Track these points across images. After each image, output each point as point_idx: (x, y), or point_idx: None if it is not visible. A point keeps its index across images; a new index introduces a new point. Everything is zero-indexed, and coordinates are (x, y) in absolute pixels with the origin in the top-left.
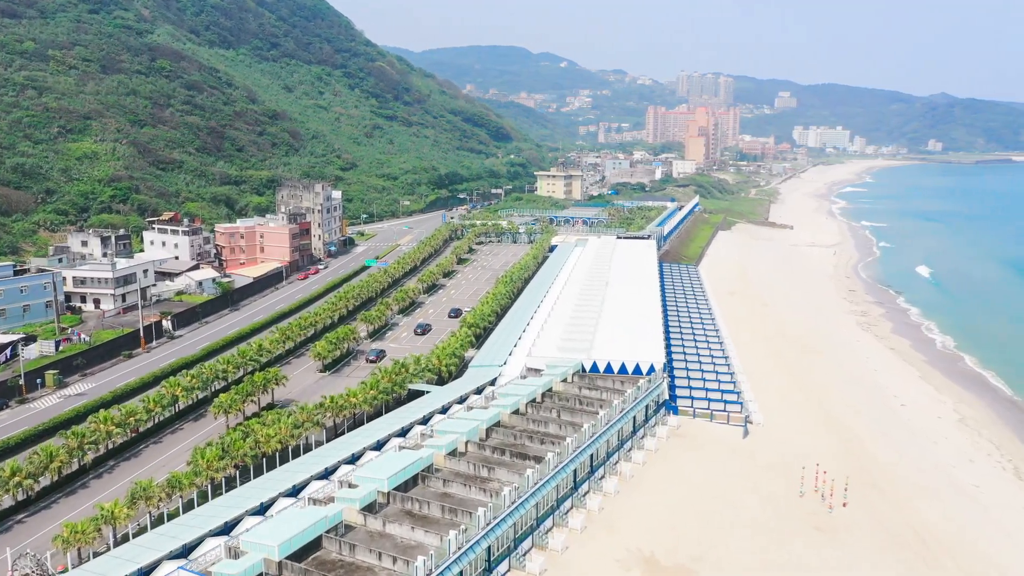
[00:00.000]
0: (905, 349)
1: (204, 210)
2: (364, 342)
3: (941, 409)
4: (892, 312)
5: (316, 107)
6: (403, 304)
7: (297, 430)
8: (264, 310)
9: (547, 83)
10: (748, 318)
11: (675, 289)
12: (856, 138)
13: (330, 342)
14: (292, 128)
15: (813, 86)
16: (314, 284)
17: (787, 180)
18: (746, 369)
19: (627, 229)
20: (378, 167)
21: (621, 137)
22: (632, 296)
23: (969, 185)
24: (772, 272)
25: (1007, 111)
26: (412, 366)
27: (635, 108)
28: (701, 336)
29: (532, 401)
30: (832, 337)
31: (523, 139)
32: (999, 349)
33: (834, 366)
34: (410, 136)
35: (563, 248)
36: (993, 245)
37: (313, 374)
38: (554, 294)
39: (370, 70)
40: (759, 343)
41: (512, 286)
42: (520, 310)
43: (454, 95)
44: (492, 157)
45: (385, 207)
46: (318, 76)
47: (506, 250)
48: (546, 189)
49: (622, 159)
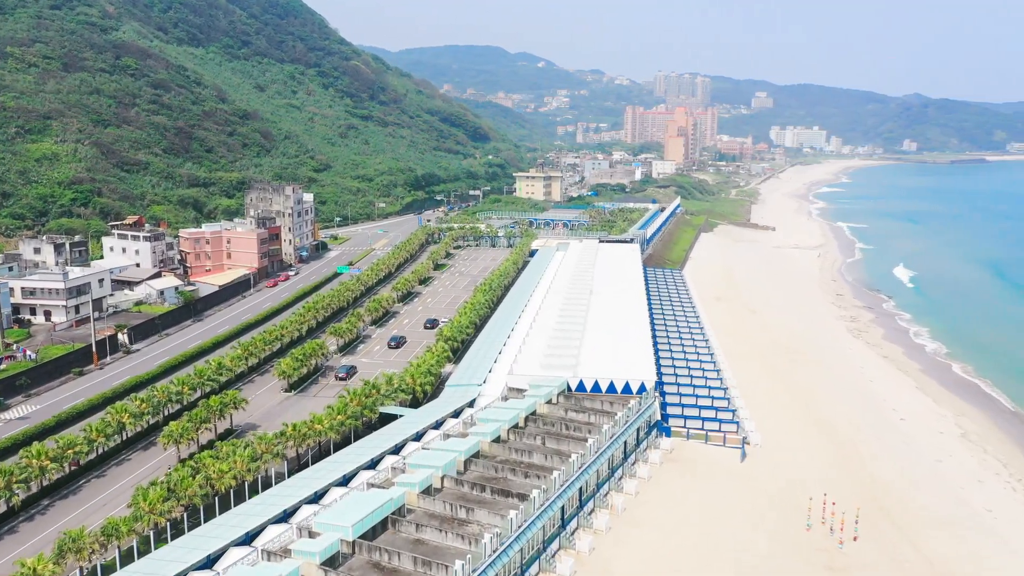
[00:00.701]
0: (898, 357)
1: (171, 213)
2: (334, 357)
3: (942, 423)
4: (882, 317)
5: (289, 107)
6: (376, 315)
7: (255, 463)
8: (229, 321)
9: (525, 83)
10: (737, 326)
11: (661, 296)
12: (832, 138)
13: (296, 359)
14: (264, 128)
15: (789, 86)
16: (284, 292)
17: (766, 180)
18: (739, 382)
19: (609, 232)
20: (353, 168)
21: (599, 137)
22: (618, 305)
23: (945, 185)
24: (758, 276)
25: (979, 111)
26: (384, 387)
27: (613, 108)
28: (691, 347)
29: (515, 427)
30: (824, 345)
31: (501, 139)
32: (991, 356)
33: (829, 377)
34: (386, 136)
35: (544, 253)
36: (973, 246)
37: (277, 394)
38: (536, 303)
39: (345, 69)
40: (750, 353)
41: (491, 295)
42: (500, 321)
43: (431, 95)
44: (470, 158)
45: (360, 209)
46: (291, 75)
47: (485, 255)
48: (525, 190)
49: (601, 160)
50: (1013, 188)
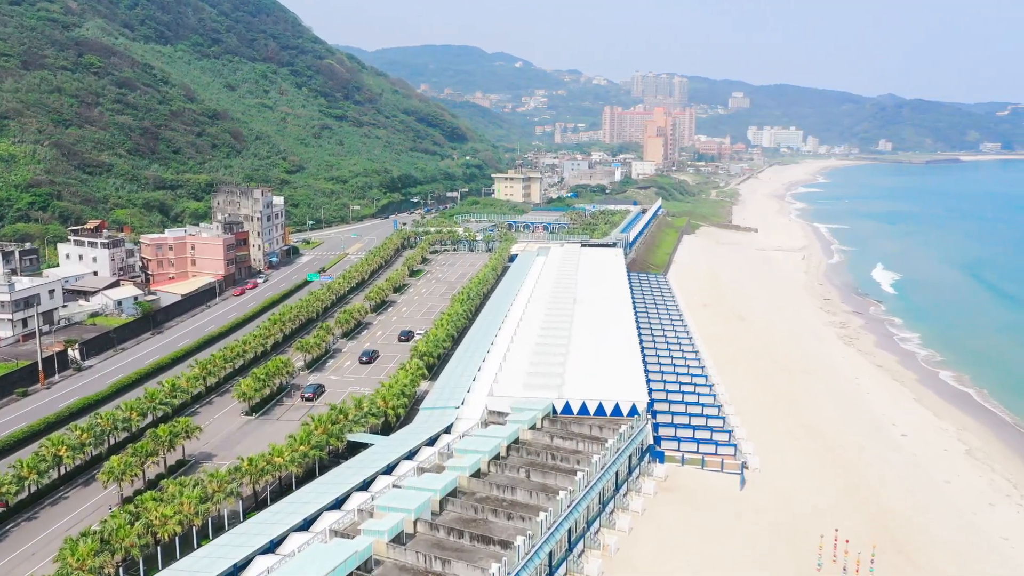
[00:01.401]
0: (893, 366)
1: (135, 217)
2: (300, 374)
3: (945, 439)
4: (871, 323)
5: (260, 106)
6: (347, 327)
7: (204, 505)
8: (192, 333)
9: (502, 83)
10: (726, 335)
11: (646, 303)
12: (809, 138)
13: (257, 379)
14: (234, 129)
15: (766, 87)
16: (251, 301)
17: (745, 181)
18: (732, 398)
19: (591, 236)
20: (327, 169)
21: (578, 137)
22: (604, 316)
23: (921, 185)
24: (744, 280)
25: (952, 112)
26: (352, 411)
27: (591, 108)
28: (680, 360)
29: (496, 457)
30: (817, 354)
31: (479, 140)
32: (983, 363)
33: (824, 390)
34: (361, 137)
35: (524, 258)
36: (951, 248)
37: (237, 417)
38: (516, 314)
39: (318, 68)
40: (741, 364)
41: (470, 304)
42: (479, 334)
43: (407, 94)
44: (447, 158)
45: (334, 212)
46: (263, 74)
47: (463, 259)
48: (504, 192)
49: (580, 160)
50: (987, 188)
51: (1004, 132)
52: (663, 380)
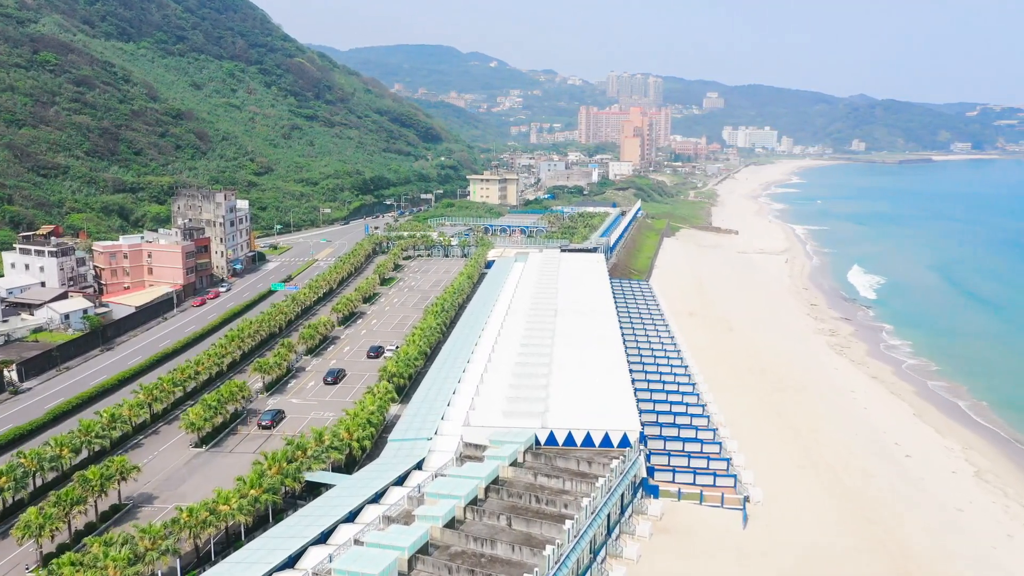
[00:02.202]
0: (888, 377)
1: (92, 222)
2: (259, 398)
3: (951, 459)
4: (861, 330)
5: (228, 106)
6: (312, 343)
7: (135, 568)
8: (145, 349)
9: (477, 83)
10: (715, 347)
11: (630, 313)
12: (783, 138)
13: (208, 407)
14: (199, 129)
15: (740, 87)
16: (211, 312)
17: (723, 181)
18: (727, 419)
19: (570, 240)
20: (296, 171)
21: (553, 138)
22: (588, 330)
23: (897, 185)
24: (729, 286)
25: (923, 112)
26: (312, 446)
27: (566, 108)
28: (670, 378)
29: (473, 501)
30: (810, 367)
31: (454, 140)
32: (978, 374)
33: (822, 407)
34: (332, 137)
35: (501, 265)
36: (931, 250)
37: (185, 450)
38: (494, 328)
39: (288, 66)
40: (733, 380)
41: (444, 316)
42: (454, 351)
43: (380, 94)
44: (421, 159)
45: (303, 215)
46: (230, 72)
47: (437, 265)
48: (480, 194)
49: (557, 160)
50: (959, 188)
51: (973, 132)
52: (652, 400)
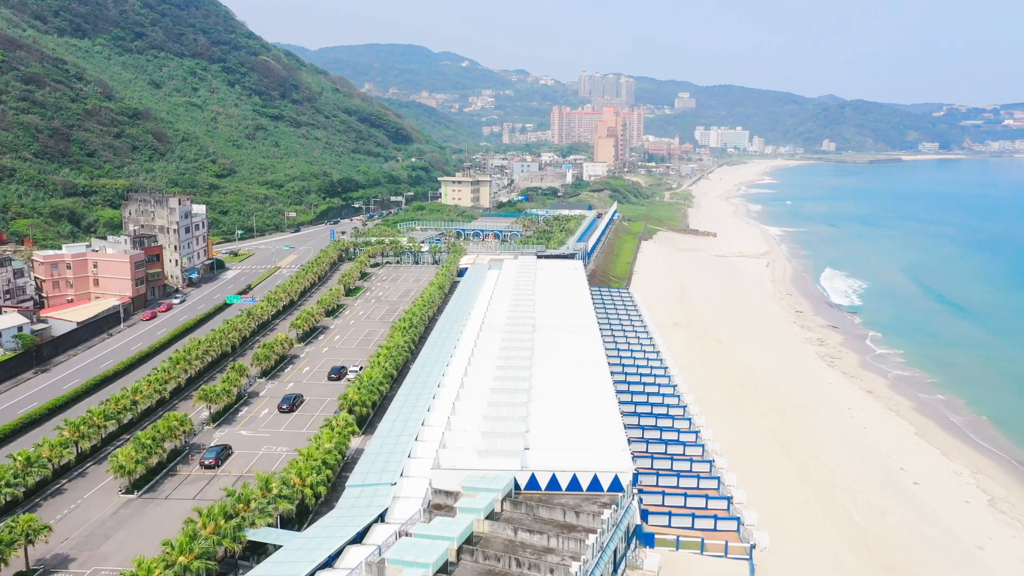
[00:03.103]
0: (883, 391)
1: (39, 229)
2: (203, 430)
3: (962, 485)
4: (850, 339)
5: (188, 105)
6: (267, 364)
7: None
8: (85, 371)
9: (449, 83)
10: (703, 361)
11: (612, 326)
12: (755, 138)
13: (141, 446)
14: (157, 129)
15: (711, 87)
16: (162, 327)
17: (697, 182)
18: (723, 446)
19: (547, 245)
20: (260, 173)
21: (526, 138)
22: (569, 350)
23: (868, 185)
24: (712, 292)
25: (891, 112)
26: (257, 496)
27: (539, 108)
28: (657, 399)
29: (443, 568)
30: (803, 382)
31: (425, 140)
32: (973, 385)
33: (820, 428)
34: (298, 138)
35: (475, 273)
36: (907, 253)
37: (114, 497)
38: (467, 346)
39: (253, 65)
40: (725, 399)
41: (413, 332)
42: (423, 374)
43: (349, 93)
44: (392, 160)
45: (267, 219)
46: (191, 71)
47: (407, 273)
48: (452, 196)
49: (530, 161)
50: (928, 188)
51: (941, 132)
52: (640, 427)
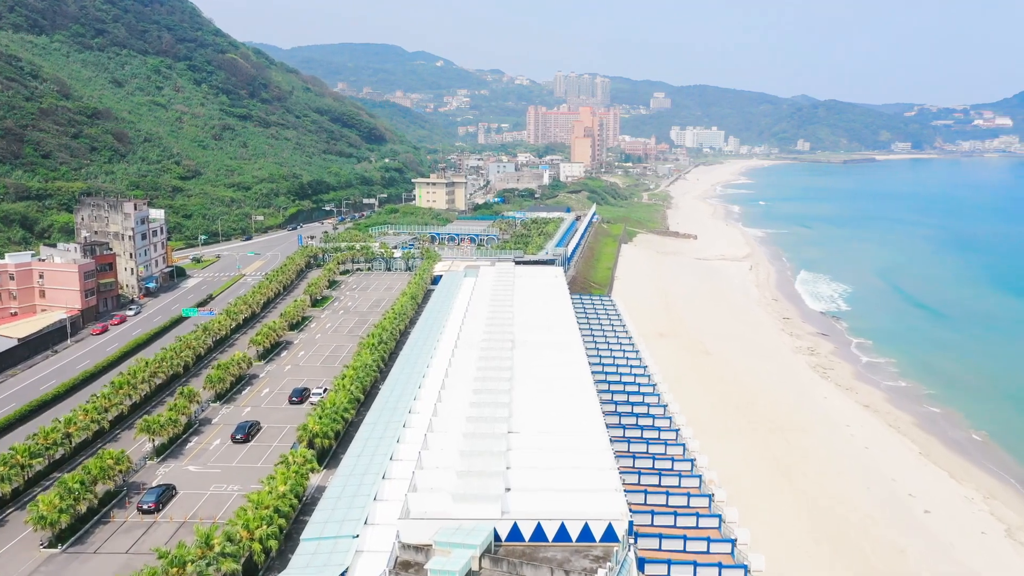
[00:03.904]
0: (881, 405)
1: None
2: (146, 466)
3: (975, 513)
4: (841, 348)
5: (152, 104)
6: (221, 386)
7: None
8: (22, 393)
9: (423, 82)
10: (693, 376)
11: (596, 339)
12: (730, 138)
13: (67, 491)
14: (118, 129)
15: (686, 87)
16: (113, 342)
17: (675, 182)
18: (721, 474)
19: (525, 251)
20: (227, 175)
21: (502, 138)
22: (552, 369)
23: (845, 185)
24: (697, 299)
25: (864, 112)
26: (195, 558)
27: (514, 108)
28: (647, 421)
29: None
30: (799, 398)
31: (399, 141)
32: (969, 397)
33: (821, 450)
34: (267, 139)
35: (450, 281)
36: (891, 254)
37: (34, 552)
38: (441, 366)
39: (220, 63)
40: (719, 418)
41: (382, 350)
42: (392, 399)
43: (321, 92)
44: (364, 161)
45: (234, 223)
46: (155, 68)
47: (378, 281)
48: (426, 198)
49: (507, 162)
50: (905, 188)
51: (913, 132)
52: (632, 455)
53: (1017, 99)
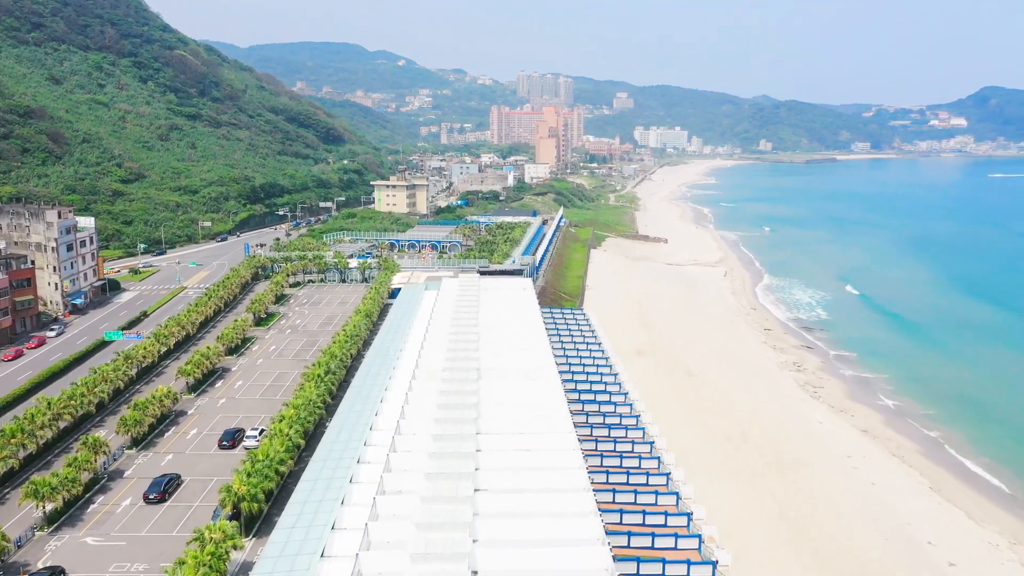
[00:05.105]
0: (881, 430)
1: None
2: (34, 538)
3: (1003, 564)
4: (828, 363)
5: (93, 103)
6: (138, 430)
7: None
8: None
9: (385, 82)
10: (677, 401)
11: (569, 359)
12: (693, 138)
13: None
14: (53, 130)
15: (649, 87)
16: (25, 370)
17: (640, 183)
18: (721, 527)
19: (490, 259)
20: (173, 178)
21: (465, 138)
22: (524, 403)
23: (809, 186)
24: (673, 310)
25: (824, 113)
26: None
27: (477, 108)
28: (634, 464)
29: None
30: (792, 425)
31: (359, 141)
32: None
33: (824, 489)
34: (218, 139)
35: (409, 296)
36: (862, 257)
37: None
38: (396, 402)
39: (168, 59)
40: (709, 452)
41: (330, 381)
42: (339, 445)
43: (276, 91)
44: (322, 163)
45: (179, 230)
46: (97, 65)
47: (332, 294)
48: (386, 202)
49: (470, 163)
50: (869, 188)
51: (871, 132)
52: (619, 509)
53: (971, 100)
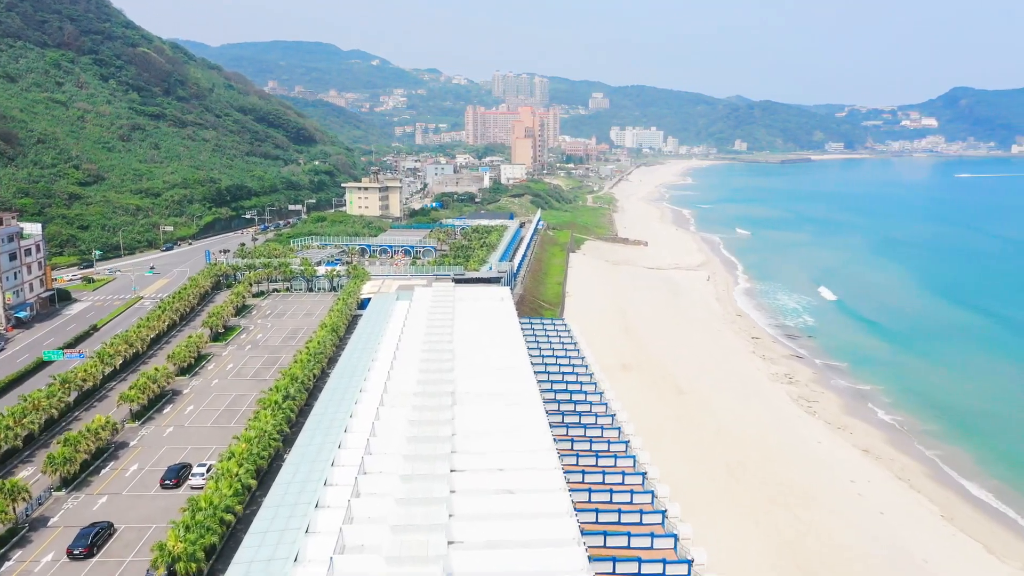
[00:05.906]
0: (882, 449)
1: None
2: None
3: None
4: (820, 375)
5: (50, 102)
6: (68, 469)
7: None
8: None
9: (359, 81)
10: (669, 424)
11: (551, 377)
12: (668, 138)
13: None
14: (5, 130)
15: (624, 87)
16: None
17: (618, 184)
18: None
19: (466, 266)
20: (134, 180)
21: (440, 139)
22: (502, 430)
23: (785, 186)
24: (657, 318)
25: (798, 113)
26: None
27: (452, 108)
28: (626, 499)
29: None
30: (792, 449)
31: (331, 142)
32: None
33: (832, 523)
34: (183, 140)
35: (379, 306)
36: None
37: None
38: (361, 434)
39: (131, 57)
40: (705, 484)
41: (289, 407)
42: (293, 490)
43: (245, 90)
44: (292, 164)
45: (139, 235)
46: (55, 63)
47: (297, 304)
48: (358, 205)
49: (445, 164)
50: (843, 188)
51: (844, 132)
52: (612, 558)
53: (941, 100)
